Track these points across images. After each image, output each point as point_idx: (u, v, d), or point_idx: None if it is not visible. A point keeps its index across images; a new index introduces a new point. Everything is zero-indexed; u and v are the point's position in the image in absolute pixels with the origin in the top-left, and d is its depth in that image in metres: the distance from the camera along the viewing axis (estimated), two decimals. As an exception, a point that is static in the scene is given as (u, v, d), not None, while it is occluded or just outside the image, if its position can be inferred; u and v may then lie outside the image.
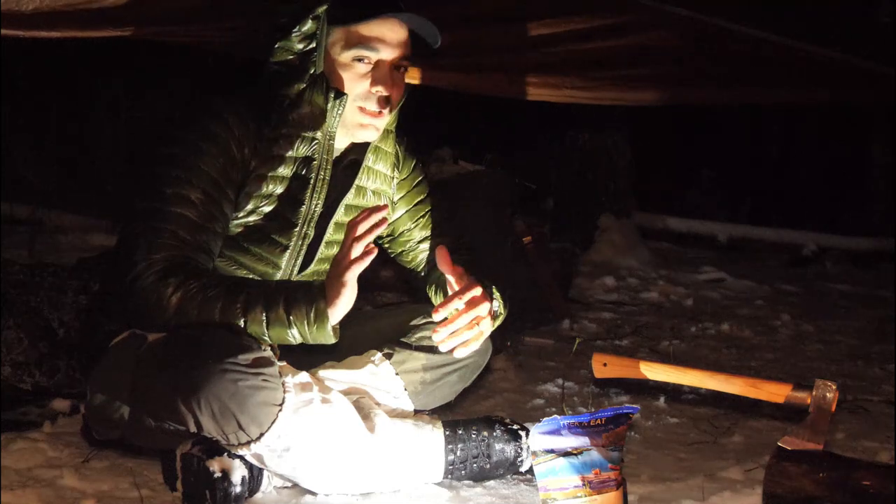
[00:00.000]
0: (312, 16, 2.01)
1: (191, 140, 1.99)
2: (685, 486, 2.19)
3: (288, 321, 1.91)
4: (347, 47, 2.03)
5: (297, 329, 1.92)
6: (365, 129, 2.09)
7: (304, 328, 1.92)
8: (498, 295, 2.18)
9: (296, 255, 2.12)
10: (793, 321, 4.57)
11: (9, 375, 2.68)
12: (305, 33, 2.02)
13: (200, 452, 1.91)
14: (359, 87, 2.05)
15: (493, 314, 2.13)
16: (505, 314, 2.22)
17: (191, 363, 1.84)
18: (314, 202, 2.10)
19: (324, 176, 2.10)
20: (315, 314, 1.91)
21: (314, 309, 1.91)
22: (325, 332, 1.92)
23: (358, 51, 2.02)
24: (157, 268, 1.91)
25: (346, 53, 2.03)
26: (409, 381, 2.22)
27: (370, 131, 2.10)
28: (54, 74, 6.19)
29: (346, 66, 2.04)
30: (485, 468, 2.15)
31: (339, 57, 2.04)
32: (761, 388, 1.97)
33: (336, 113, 2.05)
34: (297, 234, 2.10)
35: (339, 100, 2.03)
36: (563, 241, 4.86)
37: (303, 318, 1.91)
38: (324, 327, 1.92)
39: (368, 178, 2.21)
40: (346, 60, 2.04)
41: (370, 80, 2.04)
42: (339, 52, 2.04)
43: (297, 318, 1.91)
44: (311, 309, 1.91)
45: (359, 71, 2.04)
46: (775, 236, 7.50)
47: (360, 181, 2.19)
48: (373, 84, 2.04)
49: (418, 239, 2.34)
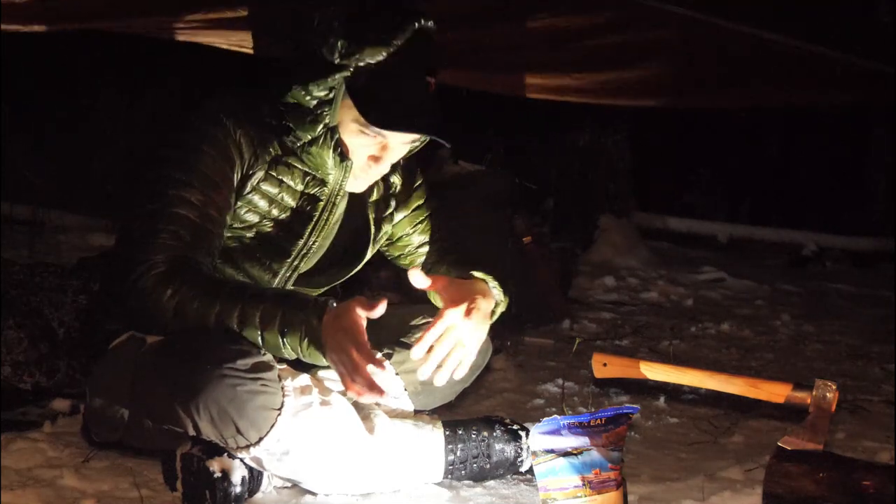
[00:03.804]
0: (332, 78, 1.92)
1: (191, 142, 1.98)
2: (685, 486, 2.19)
3: (282, 341, 1.89)
4: (355, 120, 1.97)
5: (291, 347, 1.90)
6: (355, 180, 2.09)
7: (298, 349, 1.90)
8: (496, 284, 2.13)
9: (283, 282, 2.13)
10: (793, 321, 4.57)
11: (9, 375, 2.68)
12: (325, 86, 1.95)
13: (200, 452, 1.91)
14: (357, 157, 2.03)
15: (495, 304, 2.10)
16: (506, 302, 2.17)
17: (189, 368, 1.83)
18: (312, 239, 2.10)
19: (327, 218, 2.10)
20: (310, 340, 1.87)
21: (309, 335, 1.87)
22: (318, 357, 1.90)
23: (365, 128, 1.98)
24: (157, 269, 1.90)
25: (353, 124, 1.98)
26: (409, 381, 2.22)
27: (359, 183, 2.10)
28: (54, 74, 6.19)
29: (351, 133, 2.00)
30: (485, 468, 2.15)
31: (348, 122, 1.99)
32: (761, 388, 1.97)
33: (344, 174, 2.05)
34: (289, 264, 2.11)
35: (345, 163, 2.03)
36: (563, 241, 4.87)
37: (297, 341, 1.88)
38: (317, 353, 1.89)
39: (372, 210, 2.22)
40: (353, 130, 1.99)
41: (371, 153, 2.02)
42: (347, 116, 1.98)
43: (291, 338, 1.88)
44: (305, 335, 1.87)
45: (361, 142, 2.01)
46: (775, 236, 7.51)
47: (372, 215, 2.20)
48: (370, 159, 2.03)
49: (417, 244, 2.33)
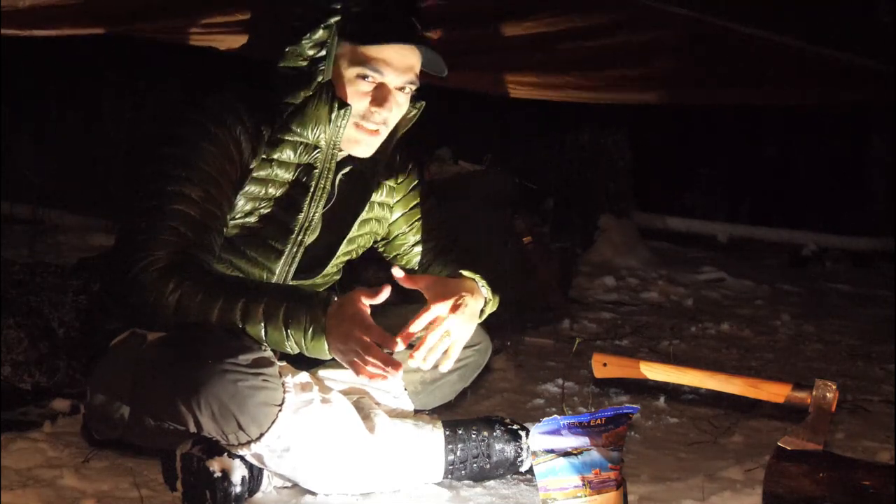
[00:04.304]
0: (325, 25, 1.99)
1: (190, 139, 1.98)
2: (685, 486, 2.19)
3: (286, 333, 1.89)
4: (353, 64, 2.01)
5: (294, 340, 1.90)
6: (359, 145, 2.08)
7: (302, 342, 1.90)
8: (484, 283, 2.15)
9: (290, 262, 2.11)
10: (793, 321, 4.57)
11: (9, 375, 2.68)
12: (316, 41, 2.00)
13: (200, 452, 1.91)
14: (359, 105, 2.03)
15: (484, 303, 2.13)
16: (495, 300, 2.19)
17: (191, 363, 1.83)
18: (312, 210, 2.10)
19: (324, 185, 2.10)
20: (314, 332, 1.88)
21: (313, 326, 1.88)
22: (321, 350, 1.91)
23: (362, 69, 2.00)
24: (158, 265, 1.90)
25: (351, 69, 2.01)
26: (409, 381, 2.22)
27: (364, 148, 2.09)
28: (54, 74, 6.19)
29: (349, 81, 2.02)
30: (485, 468, 2.15)
31: (345, 71, 2.02)
32: (761, 388, 1.97)
33: (340, 124, 2.03)
34: (294, 240, 2.10)
35: (343, 111, 2.02)
36: (563, 241, 4.86)
37: (301, 333, 1.89)
38: (321, 345, 1.90)
39: (377, 192, 2.22)
40: (351, 76, 2.02)
41: (370, 99, 2.03)
42: (345, 65, 2.02)
43: (295, 331, 1.89)
44: (310, 325, 1.88)
45: (361, 88, 2.02)
46: (775, 236, 7.51)
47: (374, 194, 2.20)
48: (372, 104, 2.03)
49: (412, 242, 2.33)
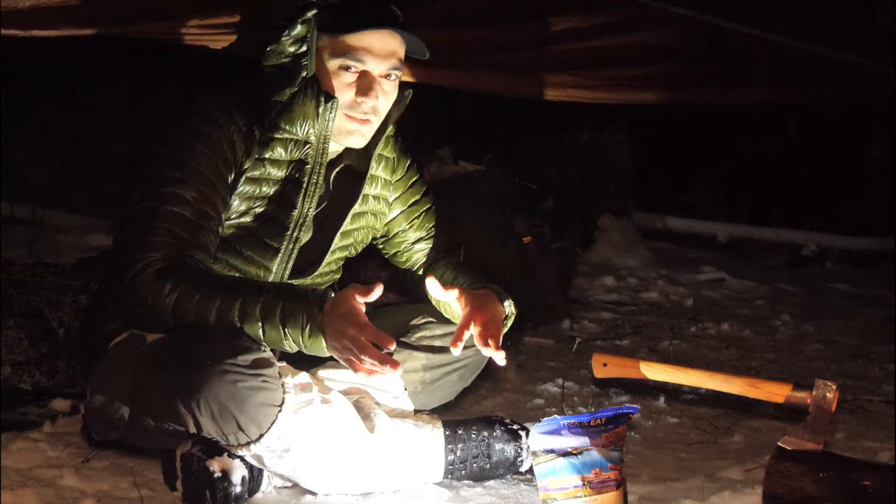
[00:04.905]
0: (302, 20, 1.99)
1: (184, 140, 1.99)
2: (685, 486, 2.19)
3: (284, 332, 1.90)
4: (334, 55, 2.01)
5: (292, 339, 1.90)
6: (352, 136, 2.08)
7: (300, 340, 1.90)
8: (510, 302, 2.15)
9: (286, 259, 2.11)
10: (793, 321, 4.56)
11: (9, 375, 2.68)
12: (296, 37, 2.00)
13: (200, 452, 1.91)
14: (345, 96, 2.03)
15: (505, 316, 2.12)
16: (515, 314, 2.19)
17: (190, 364, 1.83)
18: (306, 206, 2.09)
19: (316, 180, 2.09)
20: (311, 329, 1.88)
21: (310, 324, 1.88)
22: (320, 347, 1.91)
23: (343, 60, 2.00)
24: (154, 267, 1.91)
25: (333, 61, 2.01)
26: (409, 380, 2.22)
27: (357, 137, 2.09)
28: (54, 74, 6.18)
29: (333, 73, 2.02)
30: (485, 468, 2.15)
31: (327, 63, 2.02)
32: (761, 388, 1.97)
33: (328, 117, 2.03)
34: (289, 237, 2.09)
35: (330, 104, 2.02)
36: (563, 241, 4.86)
37: (298, 331, 1.89)
38: (319, 343, 1.90)
39: (371, 184, 2.21)
40: (333, 68, 2.02)
41: (355, 90, 2.03)
42: (327, 58, 2.02)
43: (292, 329, 1.89)
44: (307, 323, 1.88)
45: (345, 80, 2.02)
46: (775, 236, 7.50)
47: (365, 189, 2.19)
48: (358, 94, 2.02)
49: (413, 240, 2.33)
